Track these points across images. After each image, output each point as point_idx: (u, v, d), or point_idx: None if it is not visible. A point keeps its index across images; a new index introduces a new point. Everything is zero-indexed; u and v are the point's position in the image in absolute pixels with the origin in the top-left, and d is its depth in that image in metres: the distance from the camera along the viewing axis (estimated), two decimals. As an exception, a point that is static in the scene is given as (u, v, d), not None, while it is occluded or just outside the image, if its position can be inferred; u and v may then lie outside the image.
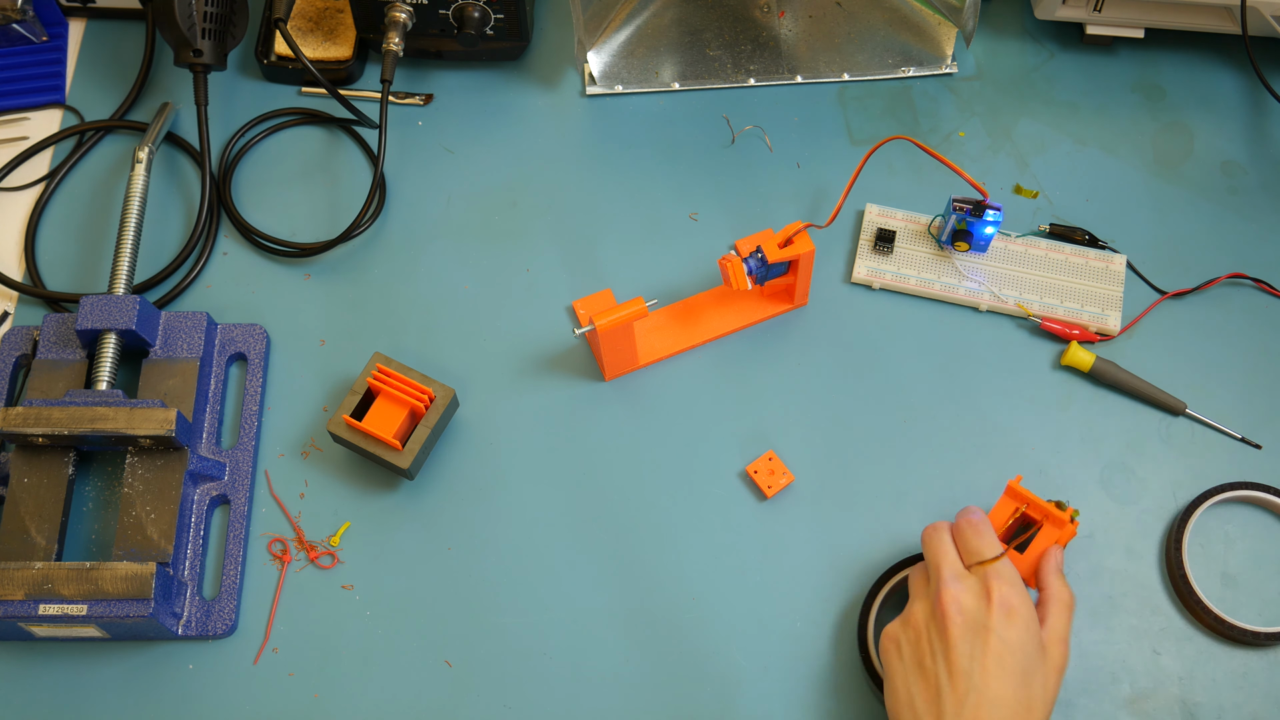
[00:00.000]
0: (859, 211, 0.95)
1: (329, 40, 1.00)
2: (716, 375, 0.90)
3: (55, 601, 0.77)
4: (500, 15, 0.95)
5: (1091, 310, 0.90)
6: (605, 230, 0.95)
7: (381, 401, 0.84)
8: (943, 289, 0.92)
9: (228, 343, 0.90)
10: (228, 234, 0.96)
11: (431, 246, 0.95)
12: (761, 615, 0.82)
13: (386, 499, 0.86)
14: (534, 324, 0.92)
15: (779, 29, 1.02)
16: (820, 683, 0.81)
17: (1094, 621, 0.82)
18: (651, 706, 0.80)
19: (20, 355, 0.89)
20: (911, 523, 0.85)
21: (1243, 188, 0.96)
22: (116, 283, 0.88)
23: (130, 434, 0.81)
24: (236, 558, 0.84)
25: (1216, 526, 0.84)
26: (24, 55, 1.02)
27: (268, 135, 0.99)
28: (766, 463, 0.86)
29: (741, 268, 0.85)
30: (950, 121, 0.99)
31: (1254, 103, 1.00)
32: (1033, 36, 1.02)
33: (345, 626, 0.83)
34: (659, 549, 0.84)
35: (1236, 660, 0.81)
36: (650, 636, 0.82)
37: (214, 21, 0.94)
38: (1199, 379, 0.89)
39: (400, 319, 0.92)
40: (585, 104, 1.01)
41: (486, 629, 0.82)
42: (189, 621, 0.82)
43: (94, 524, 0.85)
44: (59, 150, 0.99)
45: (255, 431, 0.88)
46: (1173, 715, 0.80)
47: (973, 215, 0.88)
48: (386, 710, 0.80)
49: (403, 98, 1.01)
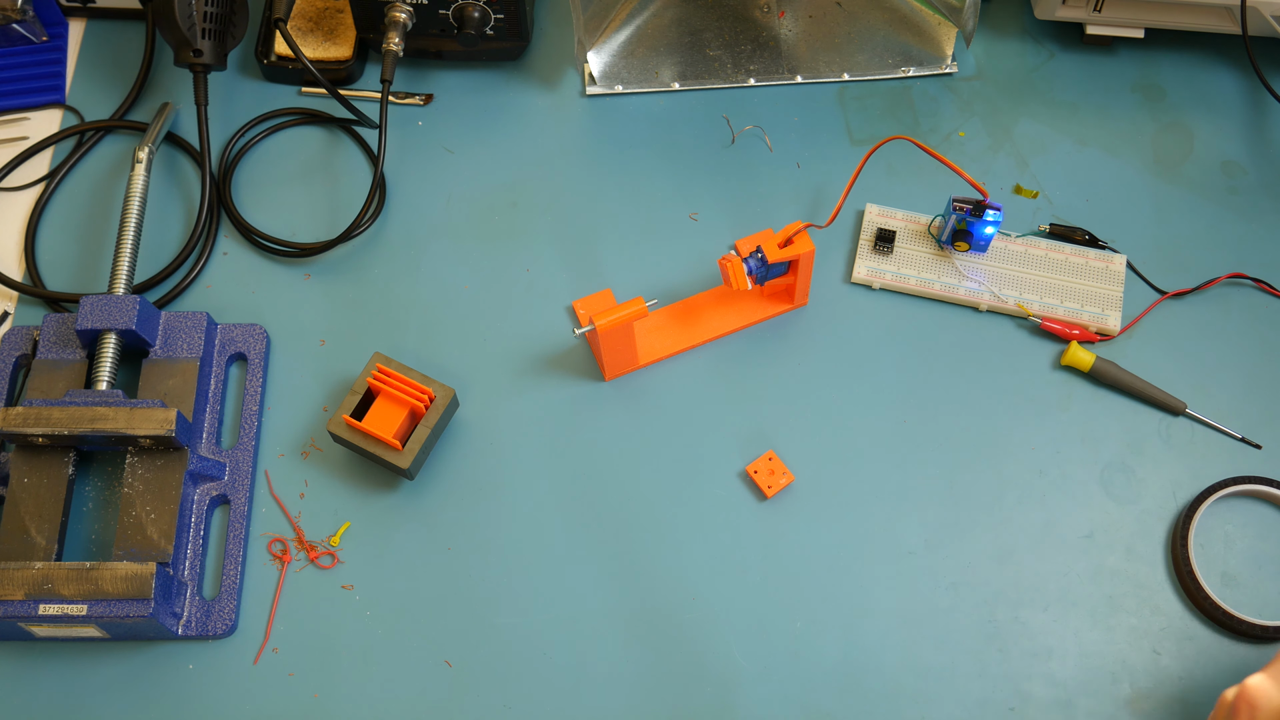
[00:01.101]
0: (859, 211, 0.95)
1: (329, 40, 1.00)
2: (716, 375, 0.90)
3: (55, 601, 0.77)
4: (500, 15, 0.95)
5: (1091, 310, 0.90)
6: (605, 230, 0.95)
7: (381, 401, 0.84)
8: (943, 289, 0.92)
9: (228, 343, 0.90)
10: (228, 234, 0.96)
11: (431, 246, 0.95)
12: (761, 615, 0.82)
13: (386, 499, 0.86)
14: (534, 324, 0.92)
15: (779, 29, 1.02)
16: (820, 683, 0.81)
17: (1094, 621, 0.82)
18: (651, 706, 0.80)
19: (20, 355, 0.89)
20: (911, 523, 0.85)
21: (1243, 188, 0.96)
22: (116, 283, 0.88)
23: (130, 434, 0.81)
24: (236, 558, 0.84)
25: (1216, 526, 0.84)
26: (24, 55, 1.02)
27: (268, 135, 0.99)
28: (766, 463, 0.86)
29: (741, 268, 0.85)
30: (950, 121, 0.99)
31: (1254, 103, 1.00)
32: (1033, 36, 1.02)
33: (345, 626, 0.83)
34: (659, 549, 0.85)
35: (1237, 660, 0.81)
36: (650, 636, 0.82)
37: (214, 21, 0.94)
38: (1199, 379, 0.89)
39: (400, 319, 0.92)
40: (585, 104, 1.01)
41: (486, 629, 0.82)
42: (189, 621, 0.82)
43: (94, 524, 0.85)
44: (59, 150, 0.99)
45: (255, 431, 0.88)
46: (1173, 715, 0.80)
47: (973, 215, 0.88)
48: (386, 710, 0.80)
49: (403, 98, 1.01)
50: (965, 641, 0.82)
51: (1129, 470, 0.87)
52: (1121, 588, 0.83)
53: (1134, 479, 0.86)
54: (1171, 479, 0.86)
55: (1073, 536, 0.85)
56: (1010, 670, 0.81)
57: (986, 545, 0.84)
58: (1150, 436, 0.88)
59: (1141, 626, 0.82)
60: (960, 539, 0.85)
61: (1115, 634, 0.82)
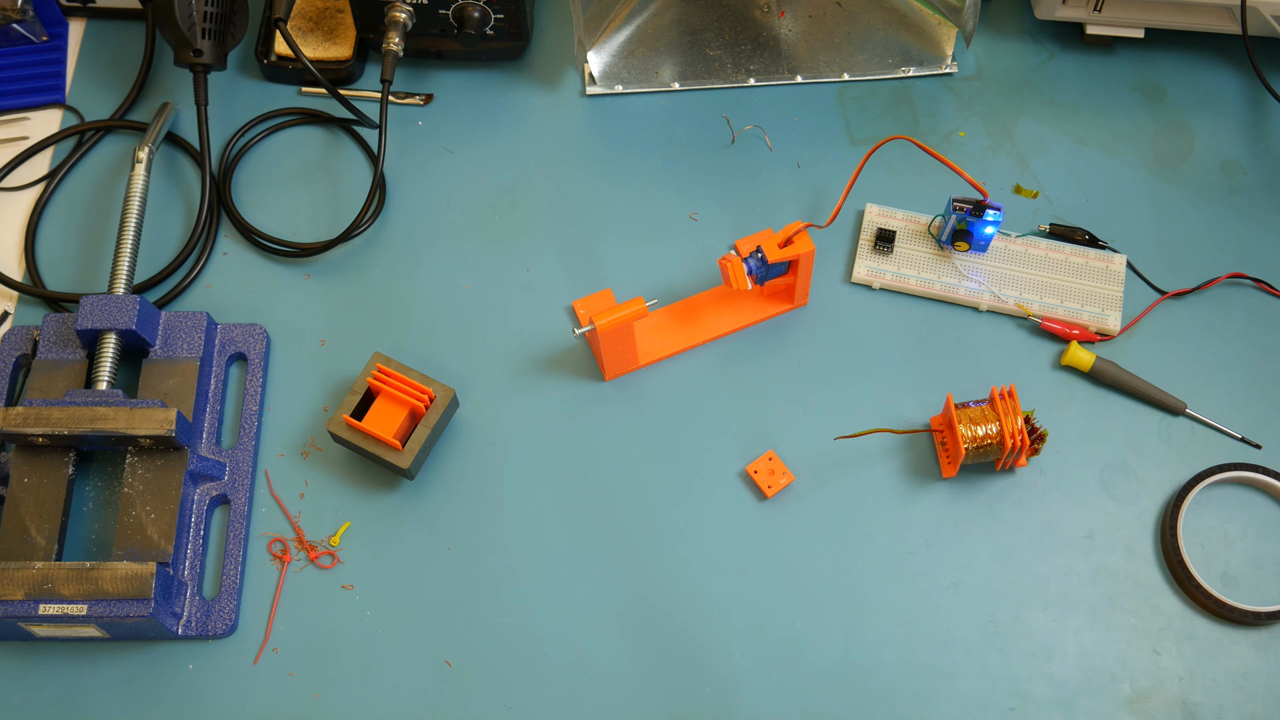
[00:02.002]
0: (859, 211, 0.95)
1: (329, 40, 1.00)
2: (716, 375, 0.90)
3: (55, 601, 0.77)
4: (500, 15, 0.95)
5: (1091, 310, 0.90)
6: (605, 230, 0.95)
7: (381, 401, 0.84)
8: (943, 289, 0.92)
9: (228, 343, 0.90)
10: (228, 234, 0.96)
11: (431, 246, 0.95)
12: (761, 615, 0.82)
13: (386, 499, 0.86)
14: (534, 324, 0.92)
15: (779, 29, 1.02)
16: (820, 683, 0.81)
17: (1094, 621, 0.82)
18: (651, 706, 0.80)
19: (20, 355, 0.89)
20: (911, 523, 0.85)
21: (1243, 188, 0.96)
22: (116, 283, 0.88)
23: (130, 434, 0.81)
24: (236, 558, 0.84)
25: (1217, 526, 0.84)
26: (24, 55, 1.02)
27: (268, 135, 0.99)
28: (766, 463, 0.86)
29: (741, 268, 0.85)
30: (950, 121, 0.99)
31: (1254, 103, 1.00)
32: (1033, 36, 1.03)
33: (345, 626, 0.83)
34: (659, 549, 0.85)
35: (1236, 660, 0.81)
36: (650, 636, 0.82)
37: (214, 21, 0.94)
38: (1199, 379, 0.89)
39: (400, 319, 0.92)
40: (585, 104, 1.01)
41: (486, 629, 0.82)
42: (189, 621, 0.82)
43: (94, 524, 0.85)
44: (59, 150, 0.99)
45: (255, 431, 0.88)
46: (1173, 715, 0.80)
47: (973, 215, 0.88)
48: (386, 710, 0.80)
49: (403, 98, 1.01)
50: (965, 641, 0.82)
51: (1129, 470, 0.87)
52: (1121, 587, 0.83)
53: (1134, 479, 0.86)
54: (1171, 479, 0.86)
55: (1072, 536, 0.85)
56: (1010, 670, 0.81)
57: (986, 545, 0.84)
58: (1150, 436, 0.88)
59: (1141, 626, 0.82)
60: (960, 539, 0.85)
61: (1115, 634, 0.82)
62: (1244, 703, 0.80)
